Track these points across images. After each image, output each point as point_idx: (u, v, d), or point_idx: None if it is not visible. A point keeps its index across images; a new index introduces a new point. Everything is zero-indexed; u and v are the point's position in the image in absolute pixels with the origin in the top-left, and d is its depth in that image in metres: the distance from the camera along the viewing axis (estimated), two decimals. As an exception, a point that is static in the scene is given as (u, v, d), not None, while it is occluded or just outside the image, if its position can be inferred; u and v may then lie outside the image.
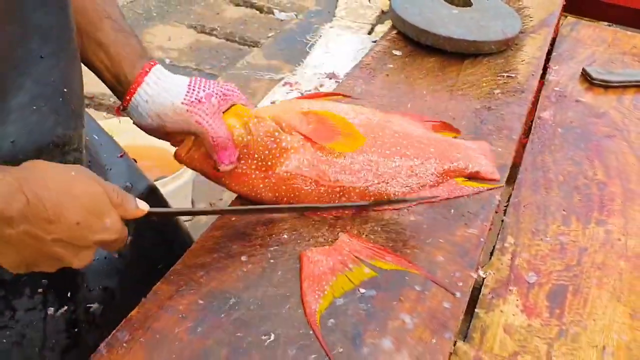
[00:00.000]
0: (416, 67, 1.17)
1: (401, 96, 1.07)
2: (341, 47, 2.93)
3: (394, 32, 1.26)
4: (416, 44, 1.21)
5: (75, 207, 0.56)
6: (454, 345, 0.69)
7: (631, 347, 0.74)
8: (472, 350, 0.69)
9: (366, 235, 0.77)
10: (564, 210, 0.93)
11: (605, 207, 0.94)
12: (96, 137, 0.89)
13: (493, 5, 1.31)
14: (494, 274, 0.82)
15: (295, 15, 3.30)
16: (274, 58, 2.77)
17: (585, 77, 1.26)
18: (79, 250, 0.58)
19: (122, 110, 0.75)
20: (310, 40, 2.99)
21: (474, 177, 0.88)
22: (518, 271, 0.82)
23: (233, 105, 0.75)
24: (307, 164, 0.75)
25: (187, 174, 1.87)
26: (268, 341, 0.63)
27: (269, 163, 0.74)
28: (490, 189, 0.87)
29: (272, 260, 0.72)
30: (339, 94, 0.92)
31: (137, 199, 0.63)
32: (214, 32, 3.02)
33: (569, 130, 1.11)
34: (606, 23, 1.64)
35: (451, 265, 0.74)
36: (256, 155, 0.74)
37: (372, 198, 0.79)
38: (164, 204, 0.94)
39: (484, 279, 0.81)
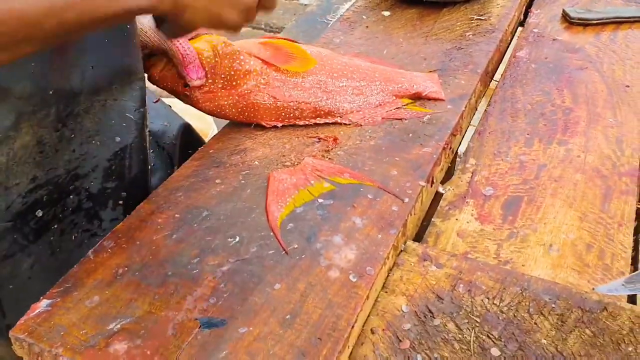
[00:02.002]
0: (396, 19, 1.24)
1: (378, 44, 1.15)
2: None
3: (376, -13, 1.33)
4: (397, -3, 1.28)
5: None
6: (404, 244, 0.77)
7: (576, 243, 0.80)
8: (420, 248, 0.77)
9: (329, 159, 0.85)
10: (527, 134, 0.99)
11: (569, 129, 1.00)
12: None
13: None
14: (453, 189, 0.89)
15: (319, -1, 3.39)
16: (296, 39, 2.86)
17: (565, 17, 1.31)
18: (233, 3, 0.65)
19: None
20: (330, 20, 3.07)
21: (419, 97, 0.96)
22: (476, 186, 0.89)
23: (199, 34, 0.85)
24: (265, 83, 0.87)
25: (214, 128, 2.00)
26: (233, 242, 0.72)
27: (234, 83, 0.85)
28: (436, 113, 0.95)
29: (242, 181, 0.82)
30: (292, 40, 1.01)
31: None
32: (240, 22, 3.14)
33: (543, 65, 1.16)
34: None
35: (403, 177, 0.82)
36: (222, 75, 0.85)
37: (323, 113, 0.90)
38: (201, 141, 1.06)
39: (442, 195, 0.88)
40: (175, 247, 0.72)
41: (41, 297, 0.66)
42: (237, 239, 0.73)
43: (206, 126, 2.07)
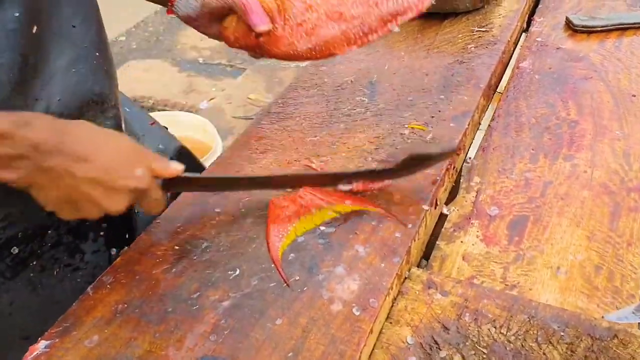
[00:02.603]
0: (397, 32, 1.22)
1: (379, 58, 1.13)
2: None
3: None
4: (397, 9, 1.26)
5: (108, 152, 0.65)
6: (409, 271, 0.76)
7: (584, 265, 0.79)
8: (425, 275, 0.75)
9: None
10: (532, 150, 0.97)
11: (575, 143, 0.98)
12: (128, 110, 1.00)
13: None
14: (457, 210, 0.87)
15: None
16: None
17: (569, 25, 1.28)
18: (110, 192, 0.65)
19: (171, 6, 0.85)
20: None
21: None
22: (481, 206, 0.87)
23: None
24: (324, 13, 0.86)
25: (213, 159, 1.99)
26: (233, 275, 0.71)
27: (298, 21, 0.86)
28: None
29: (242, 210, 0.80)
30: None
31: (172, 161, 0.71)
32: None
33: (547, 75, 1.14)
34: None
35: (407, 202, 0.80)
36: (287, 17, 0.86)
37: (390, 17, 0.88)
38: (197, 163, 1.05)
39: (446, 215, 0.87)
40: (175, 281, 0.71)
41: (39, 339, 0.65)
42: (238, 271, 0.72)
43: (210, 139, 2.07)
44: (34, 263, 0.76)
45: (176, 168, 0.71)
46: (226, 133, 2.51)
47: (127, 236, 0.84)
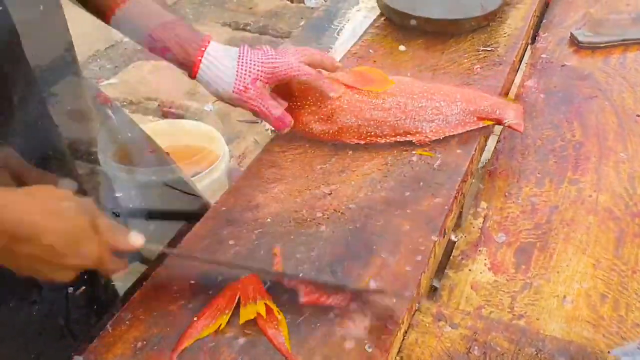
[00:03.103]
0: (403, 51, 1.23)
1: (385, 80, 1.15)
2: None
3: (382, 19, 1.33)
4: (404, 28, 1.28)
5: (53, 230, 0.62)
6: (419, 303, 0.78)
7: (590, 293, 0.81)
8: (435, 306, 0.77)
9: (342, 213, 0.86)
10: (538, 174, 0.99)
11: (580, 167, 1.00)
12: (129, 135, 1.01)
13: (476, -19, 1.35)
14: (465, 237, 0.89)
15: (325, 1, 3.38)
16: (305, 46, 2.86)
17: (573, 41, 1.30)
18: (56, 269, 0.65)
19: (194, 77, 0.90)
20: (338, 26, 3.06)
21: (499, 123, 0.99)
22: (488, 233, 0.89)
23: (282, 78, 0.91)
24: (347, 103, 0.95)
25: (221, 167, 2.01)
26: (249, 311, 0.73)
27: (319, 103, 0.94)
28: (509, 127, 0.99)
29: (256, 242, 0.82)
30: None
31: (134, 232, 0.69)
32: (248, 28, 3.15)
33: (552, 95, 1.15)
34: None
35: (416, 232, 0.82)
36: (309, 98, 0.94)
37: (403, 132, 0.95)
38: (194, 191, 1.07)
39: (454, 242, 0.89)
40: (192, 317, 0.73)
41: (64, 376, 0.67)
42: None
43: (217, 147, 2.08)
44: None
45: (135, 241, 0.69)
46: (232, 137, 2.52)
47: (85, 276, 0.80)
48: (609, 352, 0.72)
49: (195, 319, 0.72)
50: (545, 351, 0.71)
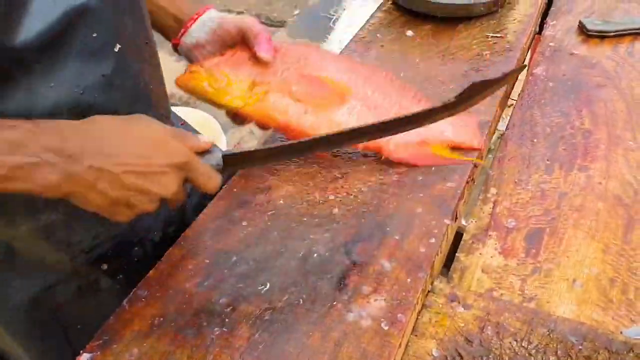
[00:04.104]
0: (411, 36, 1.24)
1: (394, 66, 1.15)
2: (365, 19, 2.98)
3: (389, 2, 1.33)
4: (411, 12, 1.28)
5: (133, 139, 0.64)
6: (432, 284, 0.79)
7: (600, 278, 0.81)
8: (448, 287, 0.78)
9: (354, 196, 0.86)
10: (547, 160, 0.99)
11: (589, 154, 1.00)
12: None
13: (486, -32, 1.35)
14: (475, 222, 0.90)
15: (321, -11, 3.36)
16: (299, 36, 2.85)
17: (582, 29, 1.30)
18: (153, 177, 0.64)
19: (183, 34, 0.89)
20: (334, 15, 3.05)
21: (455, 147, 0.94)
22: (498, 218, 0.90)
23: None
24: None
25: (222, 138, 2.02)
26: (264, 290, 0.74)
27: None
28: (465, 161, 0.93)
29: (269, 223, 0.83)
30: None
31: (201, 135, 0.73)
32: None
33: (560, 83, 1.16)
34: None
35: (428, 215, 0.83)
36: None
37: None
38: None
39: (465, 227, 0.89)
40: (208, 295, 0.74)
41: (81, 351, 0.68)
42: (268, 285, 0.74)
43: (214, 135, 2.08)
44: (120, 276, 0.79)
45: (207, 141, 0.72)
46: (227, 126, 2.51)
47: None
48: (620, 332, 0.73)
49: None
50: (557, 331, 0.72)
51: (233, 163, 0.75)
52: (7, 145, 0.57)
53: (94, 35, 0.65)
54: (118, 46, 0.68)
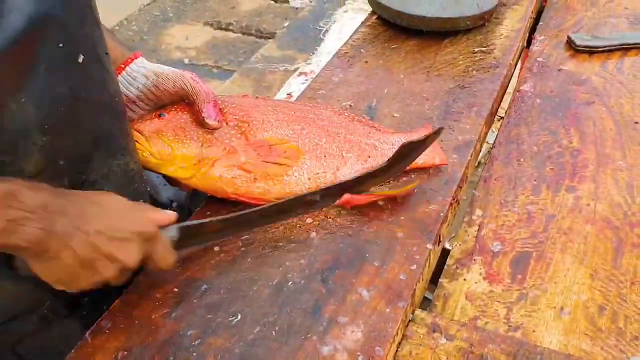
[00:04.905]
0: (395, 51, 1.21)
1: (378, 82, 1.12)
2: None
3: (374, 17, 1.30)
4: (396, 27, 1.25)
5: (110, 207, 0.67)
6: (412, 313, 0.75)
7: (588, 305, 0.78)
8: (429, 317, 0.75)
9: (332, 219, 0.83)
10: (534, 180, 0.96)
11: (577, 174, 0.97)
12: None
13: (472, -19, 1.33)
14: (459, 245, 0.86)
15: (310, 1, 3.34)
16: (288, 48, 2.81)
17: (570, 44, 1.27)
18: (122, 243, 0.66)
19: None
20: (323, 27, 3.02)
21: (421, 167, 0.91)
22: (483, 241, 0.86)
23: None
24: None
25: None
26: (235, 321, 0.70)
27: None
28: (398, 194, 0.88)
29: (242, 249, 0.79)
30: None
31: (165, 210, 0.73)
32: (230, 27, 3.09)
33: (548, 100, 1.13)
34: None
35: (410, 240, 0.79)
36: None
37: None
38: None
39: (449, 251, 0.86)
40: (175, 327, 0.70)
41: (37, 389, 0.63)
42: (239, 316, 0.70)
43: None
44: (84, 305, 0.76)
45: (170, 214, 0.72)
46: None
47: None
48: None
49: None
50: (543, 366, 0.69)
51: (188, 236, 0.74)
52: (3, 198, 0.59)
53: (60, 45, 0.63)
54: (82, 57, 0.66)
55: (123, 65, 0.83)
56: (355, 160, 0.88)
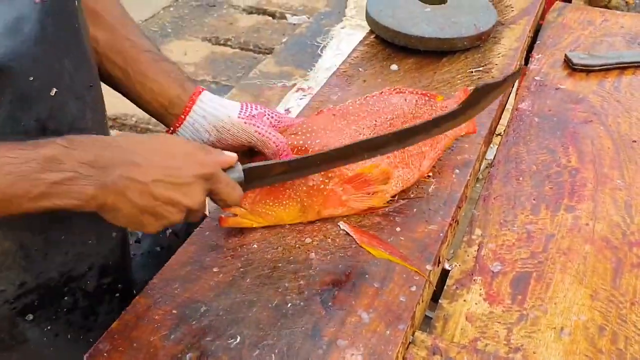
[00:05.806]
0: (394, 70, 1.21)
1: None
2: (353, 46, 2.97)
3: (372, 36, 1.30)
4: (394, 46, 1.26)
5: (160, 151, 0.66)
6: (413, 335, 0.74)
7: (588, 326, 0.78)
8: (430, 339, 0.74)
9: (332, 240, 0.82)
10: (533, 200, 0.96)
11: (576, 193, 0.97)
12: None
13: (468, 0, 1.34)
14: (459, 265, 0.86)
15: (308, 18, 3.36)
16: (286, 64, 2.82)
17: (568, 63, 1.28)
18: (181, 187, 0.65)
19: (172, 132, 0.82)
20: (321, 43, 3.04)
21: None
22: (483, 262, 0.86)
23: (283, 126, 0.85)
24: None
25: None
26: (234, 343, 0.69)
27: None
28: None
29: (242, 269, 0.79)
30: None
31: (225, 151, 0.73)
32: (229, 43, 3.10)
33: (546, 119, 1.13)
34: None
35: (410, 260, 0.79)
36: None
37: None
38: None
39: (448, 271, 0.86)
40: (173, 349, 0.69)
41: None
42: (238, 339, 0.70)
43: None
44: (48, 328, 0.74)
45: (231, 156, 0.72)
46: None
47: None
48: (611, 391, 0.69)
49: None
50: (544, 389, 0.68)
51: (253, 178, 0.75)
52: (44, 162, 0.58)
53: (30, 79, 0.62)
54: (54, 90, 0.65)
55: (183, 116, 0.80)
56: (430, 149, 0.91)
